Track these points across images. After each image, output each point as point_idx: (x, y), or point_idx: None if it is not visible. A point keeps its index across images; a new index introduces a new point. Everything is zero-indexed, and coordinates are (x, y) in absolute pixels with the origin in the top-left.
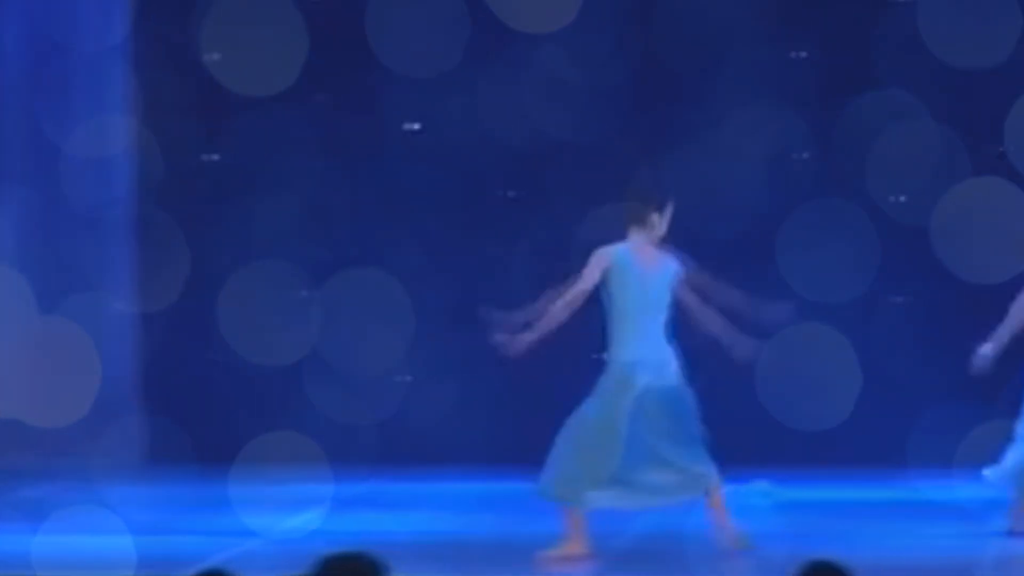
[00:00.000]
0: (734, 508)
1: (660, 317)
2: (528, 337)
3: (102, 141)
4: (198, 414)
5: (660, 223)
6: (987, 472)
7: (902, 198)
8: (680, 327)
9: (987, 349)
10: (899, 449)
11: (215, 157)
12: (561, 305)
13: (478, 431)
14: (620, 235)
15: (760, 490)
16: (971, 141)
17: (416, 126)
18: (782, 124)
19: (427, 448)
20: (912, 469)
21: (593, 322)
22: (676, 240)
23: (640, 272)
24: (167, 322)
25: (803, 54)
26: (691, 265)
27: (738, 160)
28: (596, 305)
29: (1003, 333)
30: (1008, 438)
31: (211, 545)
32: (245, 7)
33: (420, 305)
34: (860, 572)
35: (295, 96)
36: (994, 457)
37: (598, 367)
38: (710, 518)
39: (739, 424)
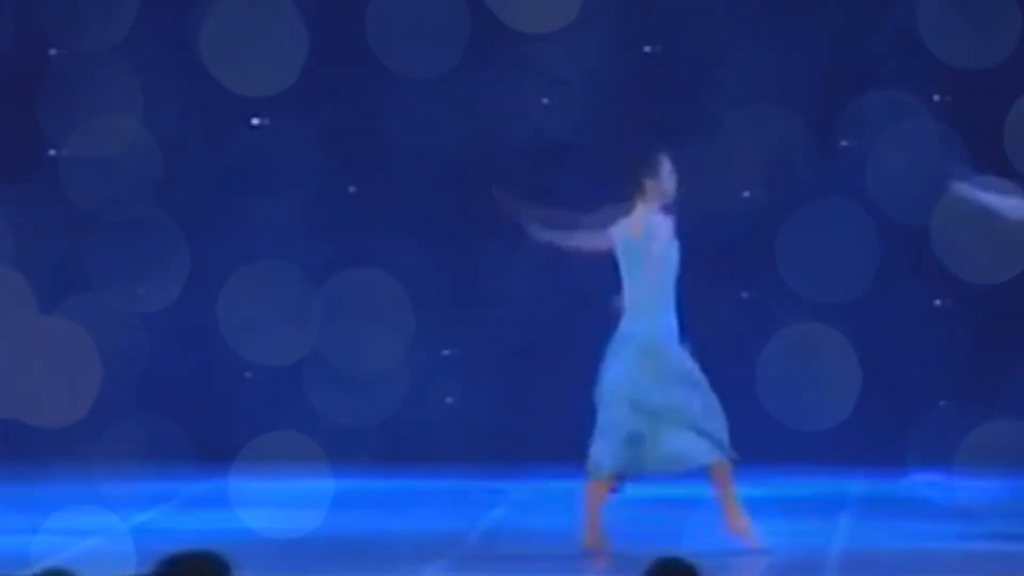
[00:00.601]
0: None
1: (655, 287)
2: (536, 229)
3: (102, 141)
4: (198, 414)
5: (658, 186)
6: None
7: (747, 193)
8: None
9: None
10: (898, 448)
11: (55, 152)
12: (572, 234)
13: (477, 431)
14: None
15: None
16: (971, 141)
17: (257, 121)
18: (782, 124)
19: (427, 447)
20: (911, 468)
21: (593, 325)
22: (677, 239)
23: (632, 244)
24: (167, 322)
25: (648, 48)
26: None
27: (738, 160)
28: (595, 307)
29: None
30: None
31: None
32: (245, 7)
33: (420, 305)
34: (705, 567)
35: (295, 96)
36: (993, 456)
37: (598, 368)
38: (714, 495)
39: (739, 422)
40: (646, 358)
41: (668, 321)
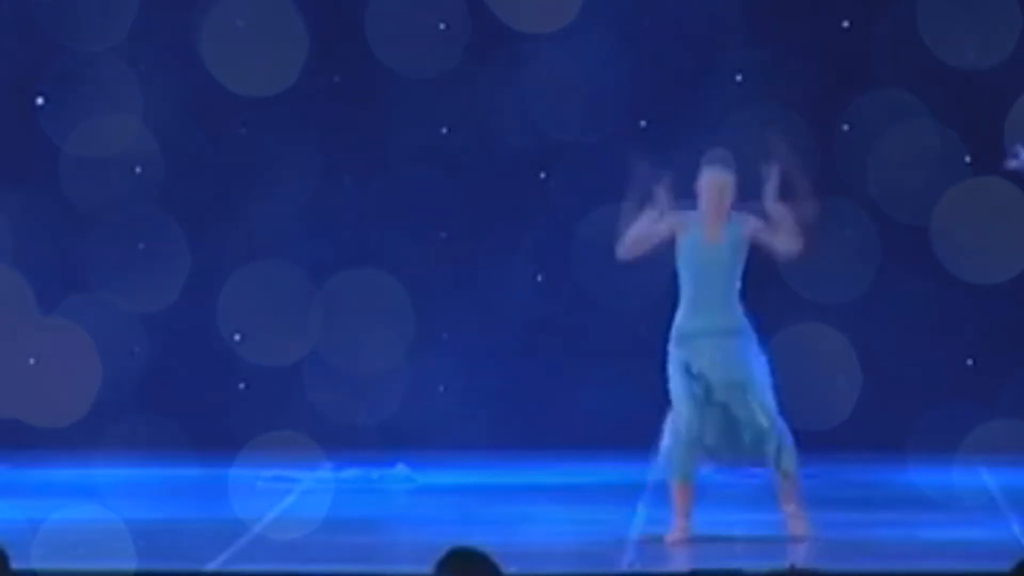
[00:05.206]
0: (373, 492)
1: (722, 285)
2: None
3: (102, 141)
4: (198, 414)
5: (700, 194)
6: None
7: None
8: None
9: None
10: (898, 447)
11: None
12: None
13: (478, 429)
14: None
15: (399, 475)
16: (971, 141)
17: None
18: (782, 124)
19: (425, 445)
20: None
21: (592, 324)
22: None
23: (700, 240)
24: (167, 322)
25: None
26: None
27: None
28: (595, 307)
29: None
30: None
31: None
32: (245, 7)
33: (420, 305)
34: (497, 557)
35: (295, 96)
36: (992, 455)
37: (598, 369)
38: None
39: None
40: (707, 377)
41: (733, 322)
